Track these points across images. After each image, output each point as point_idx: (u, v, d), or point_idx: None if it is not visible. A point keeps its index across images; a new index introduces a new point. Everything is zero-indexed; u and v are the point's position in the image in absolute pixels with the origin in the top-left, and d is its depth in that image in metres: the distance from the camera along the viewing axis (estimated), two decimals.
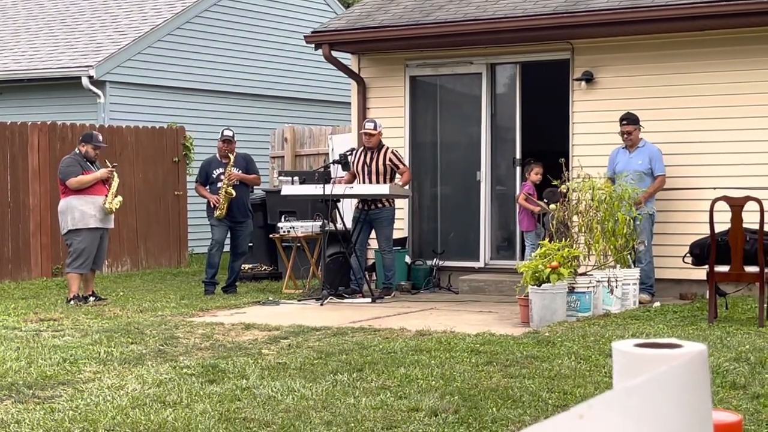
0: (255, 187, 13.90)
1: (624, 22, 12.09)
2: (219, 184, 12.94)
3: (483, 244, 13.58)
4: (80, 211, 12.06)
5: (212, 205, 12.97)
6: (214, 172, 13.07)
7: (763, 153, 11.76)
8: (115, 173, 12.38)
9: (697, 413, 1.38)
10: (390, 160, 12.70)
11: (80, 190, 12.12)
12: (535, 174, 12.87)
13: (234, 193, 12.89)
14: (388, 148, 12.80)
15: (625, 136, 11.68)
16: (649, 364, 1.43)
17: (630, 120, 11.68)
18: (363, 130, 12.84)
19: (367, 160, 12.75)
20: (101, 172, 12.22)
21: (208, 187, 13.07)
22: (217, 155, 13.21)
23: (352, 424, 6.01)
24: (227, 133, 13.22)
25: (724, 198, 9.89)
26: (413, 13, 13.51)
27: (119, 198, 12.33)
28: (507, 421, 6.03)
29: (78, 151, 12.38)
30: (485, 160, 13.57)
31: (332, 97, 21.36)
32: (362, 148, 12.88)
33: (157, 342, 9.00)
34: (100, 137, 12.67)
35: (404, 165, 12.86)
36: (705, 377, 1.42)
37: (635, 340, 1.55)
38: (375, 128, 12.70)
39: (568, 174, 11.43)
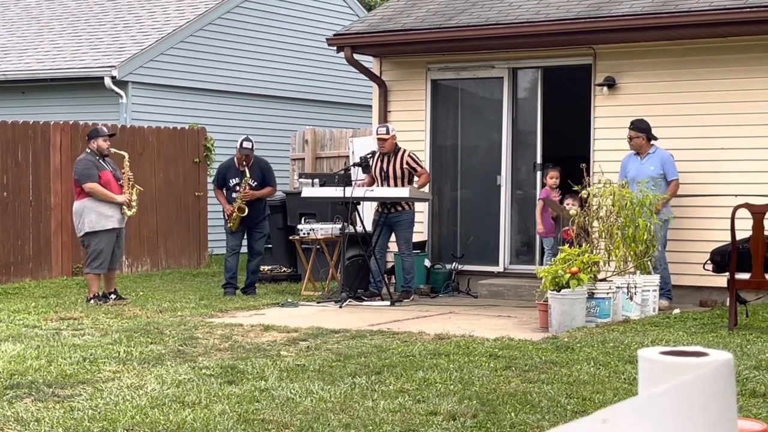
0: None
1: (646, 27, 12.06)
2: (234, 195, 12.95)
3: (502, 248, 13.56)
4: (97, 213, 12.02)
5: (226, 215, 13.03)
6: (231, 180, 13.06)
7: None
8: (128, 167, 12.32)
9: (722, 422, 1.38)
10: (407, 163, 12.67)
11: None
12: (550, 178, 12.83)
13: (246, 210, 12.85)
14: (405, 151, 12.77)
15: (629, 140, 11.69)
16: (675, 371, 1.43)
17: (634, 126, 11.66)
18: (376, 136, 12.84)
19: (384, 165, 12.73)
20: (120, 198, 12.12)
21: (224, 190, 13.11)
22: (235, 162, 13.17)
23: (371, 427, 6.01)
24: (246, 144, 12.98)
25: (746, 205, 9.86)
26: (435, 16, 13.51)
27: (137, 189, 12.32)
28: (525, 426, 6.02)
29: (89, 150, 12.24)
30: (506, 164, 13.55)
31: (353, 100, 21.38)
32: (379, 153, 12.86)
33: (177, 342, 9.02)
34: (104, 128, 12.69)
35: (422, 167, 12.83)
36: (731, 386, 1.41)
37: (661, 347, 1.54)
38: (387, 132, 12.68)
39: (589, 179, 11.41)
